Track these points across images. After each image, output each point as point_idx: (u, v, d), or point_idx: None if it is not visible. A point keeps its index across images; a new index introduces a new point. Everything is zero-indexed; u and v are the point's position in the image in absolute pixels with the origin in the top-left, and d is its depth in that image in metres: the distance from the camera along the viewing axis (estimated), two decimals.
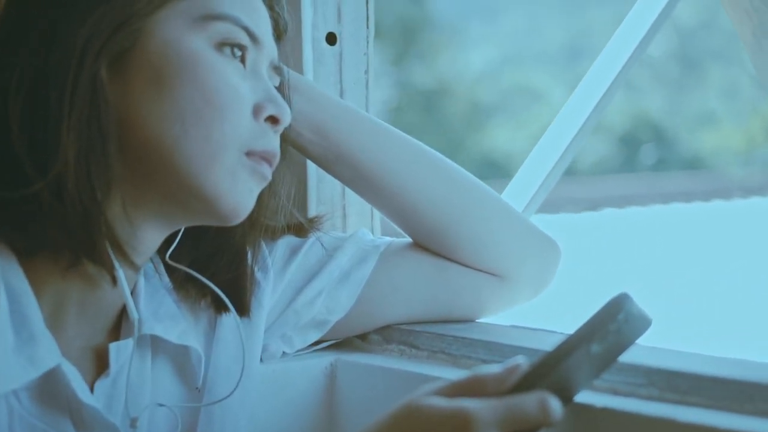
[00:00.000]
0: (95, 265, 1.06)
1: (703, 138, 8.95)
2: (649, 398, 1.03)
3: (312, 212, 1.43)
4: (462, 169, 1.32)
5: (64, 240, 1.03)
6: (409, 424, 0.94)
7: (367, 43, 1.46)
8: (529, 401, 0.93)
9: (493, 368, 0.97)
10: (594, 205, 7.50)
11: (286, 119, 1.11)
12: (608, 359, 0.98)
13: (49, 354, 1.03)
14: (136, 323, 1.10)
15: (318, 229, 1.31)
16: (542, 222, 1.35)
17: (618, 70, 1.77)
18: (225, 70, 1.07)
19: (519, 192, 1.74)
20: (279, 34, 1.19)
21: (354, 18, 1.46)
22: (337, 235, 1.33)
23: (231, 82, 1.07)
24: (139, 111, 1.04)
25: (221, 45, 1.07)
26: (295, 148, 1.28)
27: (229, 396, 1.17)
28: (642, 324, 0.98)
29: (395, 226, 1.34)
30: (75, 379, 1.06)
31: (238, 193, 1.07)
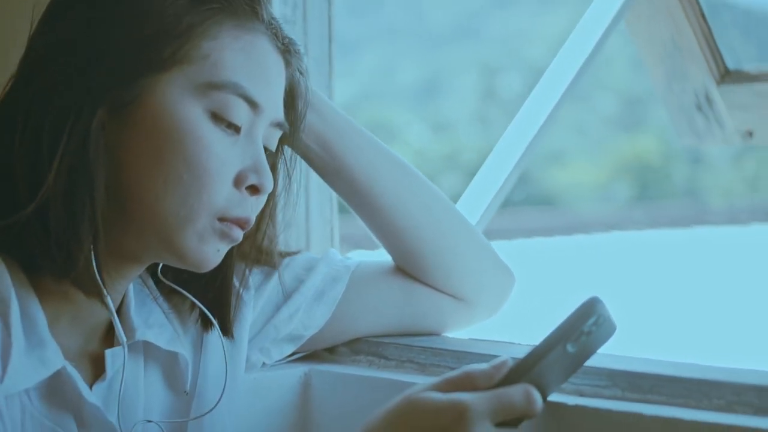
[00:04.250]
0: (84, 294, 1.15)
1: (555, 176, 9.14)
2: (613, 398, 1.13)
3: (280, 234, 1.52)
4: (445, 197, 1.41)
5: (55, 270, 1.12)
6: (408, 416, 1.06)
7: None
8: (515, 392, 1.06)
9: (482, 365, 1.10)
10: None
11: (267, 188, 1.18)
12: (579, 361, 1.09)
13: (55, 356, 1.13)
14: (125, 344, 1.19)
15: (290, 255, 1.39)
16: None
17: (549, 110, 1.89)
18: (213, 141, 1.14)
19: None
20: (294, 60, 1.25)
21: None
22: (310, 255, 1.41)
23: (216, 153, 1.13)
24: (130, 161, 1.13)
25: (216, 116, 1.14)
26: (303, 160, 1.36)
27: (216, 405, 1.25)
28: (610, 328, 1.09)
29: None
30: (79, 380, 1.15)
31: (203, 252, 1.15)
